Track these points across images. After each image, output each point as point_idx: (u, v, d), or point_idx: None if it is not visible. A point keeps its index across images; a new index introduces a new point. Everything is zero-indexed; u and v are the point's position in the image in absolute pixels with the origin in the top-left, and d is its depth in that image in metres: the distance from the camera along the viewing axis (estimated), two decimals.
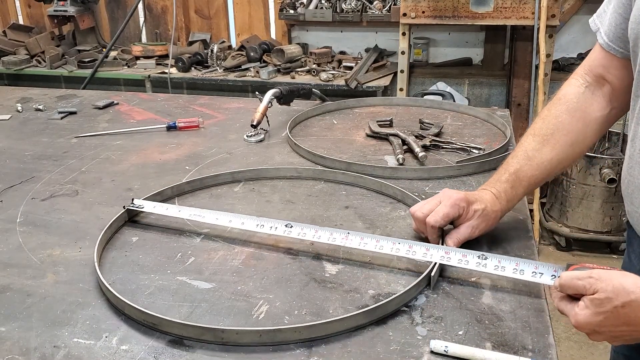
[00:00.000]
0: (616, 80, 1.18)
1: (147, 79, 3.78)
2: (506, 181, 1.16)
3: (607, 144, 3.40)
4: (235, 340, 0.88)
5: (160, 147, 1.70)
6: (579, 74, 1.23)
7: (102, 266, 1.09)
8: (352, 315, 0.91)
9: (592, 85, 1.21)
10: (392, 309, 0.94)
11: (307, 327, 0.88)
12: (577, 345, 2.74)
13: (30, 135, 1.84)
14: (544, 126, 1.19)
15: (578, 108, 1.19)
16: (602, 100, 1.20)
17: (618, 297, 0.82)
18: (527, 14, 3.09)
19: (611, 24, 1.15)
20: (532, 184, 1.18)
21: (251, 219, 1.16)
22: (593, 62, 1.22)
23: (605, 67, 1.19)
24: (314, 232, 1.11)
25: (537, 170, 1.16)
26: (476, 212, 1.10)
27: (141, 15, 4.35)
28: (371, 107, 2.02)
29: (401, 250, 1.05)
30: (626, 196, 1.15)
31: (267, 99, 1.75)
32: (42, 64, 3.97)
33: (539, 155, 1.16)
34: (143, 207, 1.25)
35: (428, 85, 3.67)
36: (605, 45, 1.17)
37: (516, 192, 1.16)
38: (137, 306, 0.92)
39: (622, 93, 1.18)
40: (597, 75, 1.21)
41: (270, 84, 3.42)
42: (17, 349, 0.88)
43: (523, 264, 0.97)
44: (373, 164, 1.47)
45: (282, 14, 3.88)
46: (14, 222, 1.28)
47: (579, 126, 1.18)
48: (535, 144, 1.18)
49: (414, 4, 3.19)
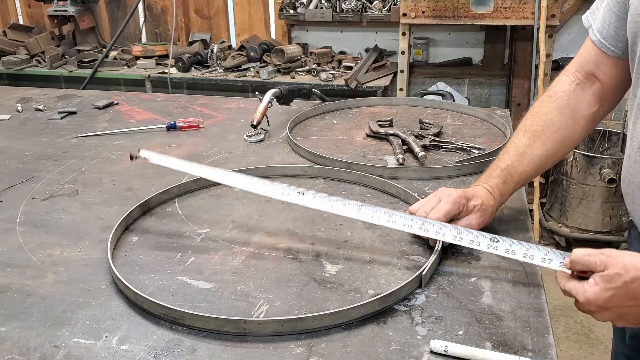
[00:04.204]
0: (606, 78, 1.20)
1: (147, 79, 3.78)
2: (498, 177, 1.18)
3: (607, 144, 3.40)
4: (257, 330, 0.89)
5: (160, 147, 1.70)
6: (570, 70, 1.25)
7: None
8: (373, 300, 0.92)
9: (583, 83, 1.22)
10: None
11: (329, 314, 0.90)
12: (577, 345, 2.74)
13: (30, 135, 1.84)
14: (534, 123, 1.22)
15: (568, 105, 1.21)
16: (591, 99, 1.22)
17: (628, 272, 0.84)
18: (527, 14, 3.09)
19: (605, 22, 1.16)
20: (522, 179, 1.21)
21: (264, 184, 1.16)
22: (585, 59, 1.23)
23: (596, 65, 1.20)
24: (326, 201, 1.11)
25: (527, 166, 1.19)
26: (475, 207, 1.13)
27: (141, 15, 4.35)
28: (371, 107, 2.02)
29: (414, 227, 1.06)
30: (627, 195, 1.15)
31: (267, 99, 1.75)
32: (42, 64, 3.97)
33: (530, 152, 1.19)
34: (149, 159, 1.27)
35: (428, 85, 3.67)
36: (598, 43, 1.18)
37: (508, 187, 1.19)
38: (158, 301, 0.93)
39: (611, 91, 1.21)
40: (588, 72, 1.22)
41: (270, 84, 3.42)
42: (17, 349, 0.88)
43: (533, 249, 0.97)
44: (373, 164, 1.47)
45: (282, 14, 3.88)
46: (14, 222, 1.28)
47: (568, 123, 1.21)
48: (526, 140, 1.20)
49: (414, 4, 3.19)
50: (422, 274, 1.00)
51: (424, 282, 1.01)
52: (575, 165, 3.20)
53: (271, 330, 0.90)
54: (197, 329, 0.91)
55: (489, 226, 1.19)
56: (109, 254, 1.09)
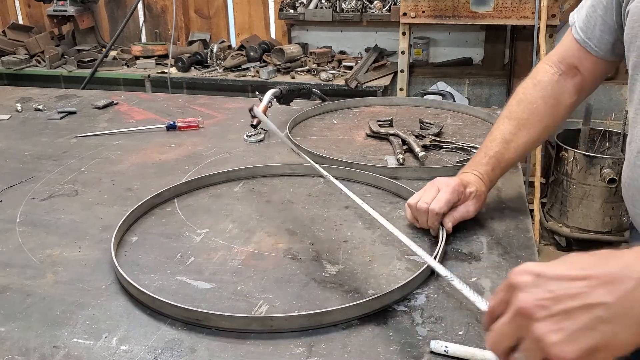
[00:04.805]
0: (587, 73, 1.25)
1: (147, 78, 3.78)
2: (487, 164, 1.23)
3: (607, 144, 3.40)
4: (284, 327, 0.90)
5: (160, 147, 1.70)
6: (553, 61, 1.29)
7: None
8: (389, 292, 0.93)
9: (565, 74, 1.27)
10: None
11: (352, 306, 0.91)
12: None
13: (29, 135, 1.83)
14: (519, 110, 1.27)
15: (552, 95, 1.26)
16: (572, 90, 1.27)
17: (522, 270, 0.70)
18: (528, 13, 3.09)
19: (589, 22, 1.19)
20: (508, 165, 1.26)
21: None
22: (567, 52, 1.27)
23: (579, 60, 1.25)
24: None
25: (513, 153, 1.25)
26: (471, 194, 1.17)
27: (141, 15, 4.35)
28: (371, 107, 2.02)
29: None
30: (627, 199, 1.15)
31: (267, 99, 1.75)
32: (42, 63, 3.97)
33: (516, 139, 1.25)
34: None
35: (428, 85, 3.67)
36: (581, 41, 1.22)
37: (495, 174, 1.24)
38: (178, 303, 0.93)
39: (590, 83, 1.27)
40: (570, 64, 1.26)
41: (270, 84, 3.42)
42: (17, 349, 0.88)
43: None
44: (373, 164, 1.47)
45: (282, 14, 3.88)
46: (14, 222, 1.28)
47: (551, 112, 1.26)
48: (511, 127, 1.26)
49: (414, 4, 3.19)
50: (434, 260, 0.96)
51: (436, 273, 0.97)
52: (575, 165, 3.20)
53: (297, 326, 0.90)
54: (217, 329, 0.91)
55: (490, 227, 1.19)
56: (113, 253, 1.09)
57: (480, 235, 1.17)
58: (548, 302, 0.62)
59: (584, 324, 0.60)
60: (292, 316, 0.90)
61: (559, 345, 0.60)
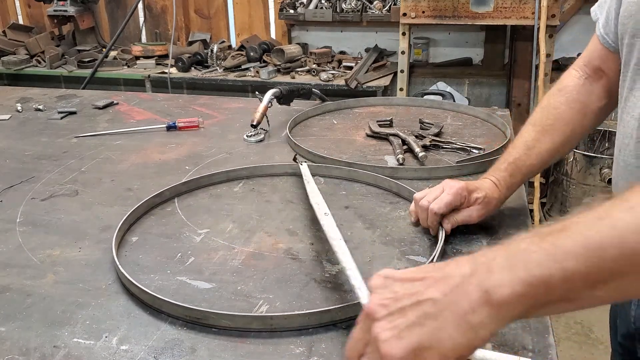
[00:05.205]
0: (612, 74, 1.19)
1: (147, 78, 3.78)
2: (505, 170, 1.19)
3: (607, 144, 3.40)
4: (283, 325, 0.90)
5: (160, 147, 1.70)
6: (579, 65, 1.25)
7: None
8: None
9: (591, 77, 1.22)
10: None
11: (352, 306, 0.91)
12: (577, 345, 2.74)
13: (30, 135, 1.83)
14: (543, 116, 1.22)
15: (577, 99, 1.22)
16: (600, 92, 1.22)
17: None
18: (527, 13, 3.09)
19: (608, 17, 1.15)
20: (530, 172, 1.21)
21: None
22: (592, 54, 1.22)
23: (602, 60, 1.20)
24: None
25: (535, 159, 1.19)
26: (477, 199, 1.14)
27: (141, 15, 4.35)
28: (371, 107, 2.02)
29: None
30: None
31: (267, 99, 1.75)
32: (42, 63, 3.97)
33: (538, 145, 1.20)
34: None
35: (428, 85, 3.67)
36: (601, 38, 1.18)
37: (515, 180, 1.19)
38: (179, 302, 0.93)
39: (618, 87, 1.20)
40: (595, 66, 1.22)
41: (270, 84, 3.42)
42: (17, 349, 0.88)
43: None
44: (373, 164, 1.47)
45: (282, 14, 3.88)
46: (14, 222, 1.28)
47: (577, 117, 1.21)
48: (534, 134, 1.21)
49: (414, 4, 3.19)
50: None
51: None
52: (575, 165, 3.20)
53: (298, 324, 0.90)
54: (217, 328, 0.91)
55: (490, 227, 1.19)
56: (114, 253, 1.09)
57: (480, 235, 1.17)
58: (389, 301, 0.64)
59: (412, 321, 0.62)
60: (292, 315, 0.90)
61: (389, 342, 0.62)
